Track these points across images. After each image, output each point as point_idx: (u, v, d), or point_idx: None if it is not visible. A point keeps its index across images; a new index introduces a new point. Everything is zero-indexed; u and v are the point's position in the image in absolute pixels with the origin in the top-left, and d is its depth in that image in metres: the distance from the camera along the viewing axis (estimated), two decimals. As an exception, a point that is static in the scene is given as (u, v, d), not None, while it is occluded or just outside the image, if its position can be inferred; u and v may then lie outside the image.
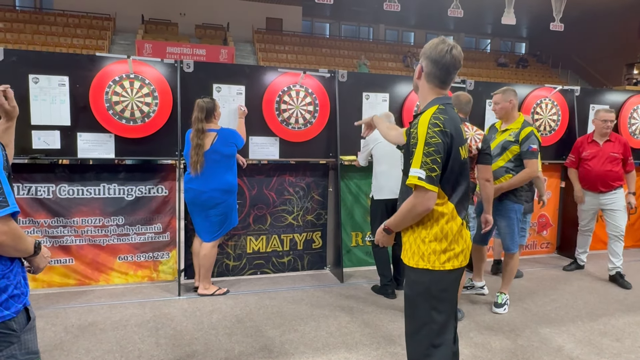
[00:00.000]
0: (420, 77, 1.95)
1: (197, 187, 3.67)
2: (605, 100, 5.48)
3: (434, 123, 1.78)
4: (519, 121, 3.68)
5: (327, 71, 4.44)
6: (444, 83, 1.90)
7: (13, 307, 1.48)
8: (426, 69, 1.90)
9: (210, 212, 3.70)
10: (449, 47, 1.84)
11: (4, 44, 15.81)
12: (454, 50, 1.85)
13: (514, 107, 3.70)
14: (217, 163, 3.66)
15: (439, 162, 1.76)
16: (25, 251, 1.53)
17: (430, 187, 1.75)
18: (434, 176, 1.76)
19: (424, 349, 1.87)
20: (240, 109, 4.07)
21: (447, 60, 1.84)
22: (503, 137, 3.71)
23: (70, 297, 3.77)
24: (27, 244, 1.53)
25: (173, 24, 19.94)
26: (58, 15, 18.54)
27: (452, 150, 1.80)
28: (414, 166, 1.77)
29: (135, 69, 3.84)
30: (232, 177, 3.76)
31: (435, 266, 1.85)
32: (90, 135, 3.83)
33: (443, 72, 1.87)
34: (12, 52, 3.67)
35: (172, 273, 4.15)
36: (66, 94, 3.76)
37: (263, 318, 3.48)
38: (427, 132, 1.77)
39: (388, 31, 25.30)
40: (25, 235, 1.54)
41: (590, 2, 18.54)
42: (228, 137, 3.71)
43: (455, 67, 1.87)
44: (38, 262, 1.61)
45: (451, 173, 1.82)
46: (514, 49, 27.88)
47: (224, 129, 3.74)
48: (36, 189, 3.80)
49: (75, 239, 3.91)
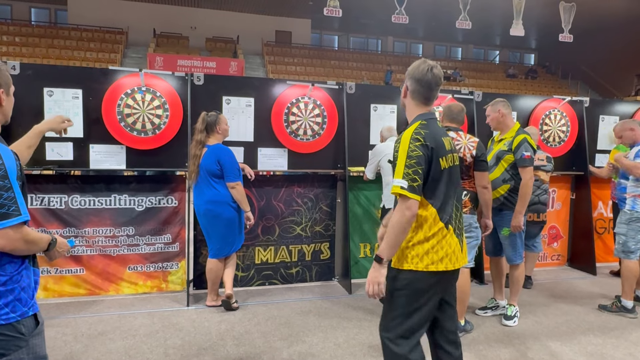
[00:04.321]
0: (406, 96, 2.15)
1: (196, 200, 3.75)
2: (615, 111, 5.46)
3: (415, 138, 1.97)
4: (513, 130, 3.67)
5: (335, 83, 4.48)
6: (427, 99, 2.10)
7: (19, 310, 1.52)
8: (411, 87, 2.11)
9: (211, 226, 3.73)
10: (429, 67, 2.06)
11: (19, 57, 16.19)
12: (435, 69, 2.07)
13: (505, 117, 3.69)
14: (205, 178, 3.67)
15: (420, 172, 1.94)
16: (38, 251, 1.61)
17: (412, 196, 1.92)
18: (416, 185, 1.93)
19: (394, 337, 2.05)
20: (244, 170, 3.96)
21: (429, 78, 2.06)
22: (498, 147, 3.71)
23: (80, 307, 3.80)
24: (39, 247, 1.60)
25: (184, 38, 20.27)
26: (72, 29, 18.96)
27: (433, 161, 1.99)
28: (397, 177, 1.96)
29: (146, 82, 3.92)
30: (222, 187, 3.66)
31: (418, 267, 2.00)
32: (102, 147, 3.90)
33: (426, 89, 2.07)
34: (27, 66, 3.77)
35: (181, 283, 4.18)
36: (79, 107, 3.84)
37: (271, 329, 3.48)
38: (409, 146, 1.96)
39: (396, 43, 25.45)
40: (37, 238, 1.59)
41: (599, 13, 18.52)
42: (213, 153, 3.63)
43: (437, 84, 2.08)
44: (50, 256, 1.69)
45: (432, 182, 2.00)
46: (523, 60, 27.86)
47: (214, 146, 3.67)
48: (49, 200, 3.87)
49: (86, 249, 3.96)
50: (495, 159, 3.69)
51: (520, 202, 3.53)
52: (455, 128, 3.42)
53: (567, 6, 15.20)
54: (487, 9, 17.30)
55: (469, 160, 3.30)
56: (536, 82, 23.19)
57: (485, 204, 3.39)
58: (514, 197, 3.60)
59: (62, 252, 1.73)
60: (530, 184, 3.54)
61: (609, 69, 21.96)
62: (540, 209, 4.44)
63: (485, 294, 4.32)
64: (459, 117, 3.47)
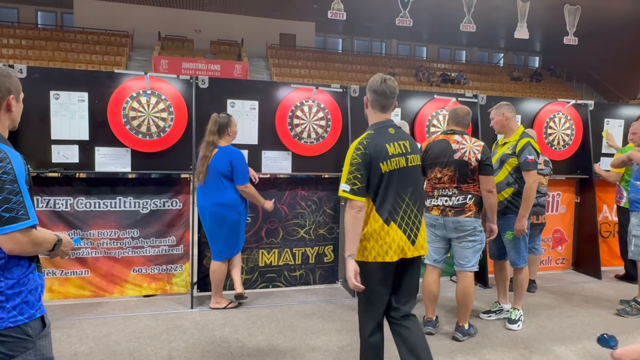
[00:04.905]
0: (367, 107, 2.51)
1: (201, 202, 3.76)
2: (619, 114, 5.44)
3: (357, 147, 2.35)
4: (517, 133, 3.66)
5: (339, 86, 4.50)
6: (384, 107, 2.45)
7: (27, 313, 1.53)
8: (370, 98, 2.46)
9: (215, 228, 3.75)
10: (383, 79, 2.42)
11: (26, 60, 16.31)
12: (388, 80, 2.42)
13: (509, 120, 3.69)
14: (214, 178, 3.69)
15: (360, 177, 2.29)
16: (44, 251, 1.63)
17: (353, 197, 2.29)
18: (356, 188, 2.29)
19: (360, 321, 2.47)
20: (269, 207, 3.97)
21: (383, 88, 2.40)
22: (502, 150, 3.71)
23: (85, 309, 3.82)
24: (45, 248, 1.61)
25: (189, 41, 20.38)
26: (78, 32, 19.10)
27: (372, 166, 2.32)
28: (342, 182, 2.34)
29: (152, 85, 3.94)
30: (233, 193, 3.73)
31: (368, 259, 2.35)
32: (108, 150, 3.93)
33: (381, 97, 2.41)
34: (34, 69, 3.80)
35: (185, 286, 4.19)
36: (85, 110, 3.87)
37: (275, 332, 3.49)
38: (352, 155, 2.34)
39: (400, 46, 25.45)
40: (44, 239, 1.60)
41: (604, 16, 18.47)
42: (224, 155, 3.68)
43: (392, 93, 2.42)
44: (54, 254, 1.71)
45: (373, 184, 2.34)
46: (528, 62, 27.80)
47: (225, 147, 3.73)
48: (55, 202, 3.90)
49: (91, 251, 3.98)
50: (499, 163, 3.69)
51: (524, 205, 3.53)
52: (460, 132, 3.42)
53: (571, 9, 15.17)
54: (491, 11, 17.29)
55: (474, 164, 3.29)
56: (541, 85, 23.13)
57: (490, 208, 3.39)
58: (517, 200, 3.60)
59: (67, 250, 1.74)
60: (534, 187, 3.53)
61: (614, 72, 21.87)
62: (539, 211, 4.44)
63: (489, 297, 4.31)
64: (465, 120, 3.47)
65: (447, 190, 3.33)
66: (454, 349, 3.28)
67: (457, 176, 3.31)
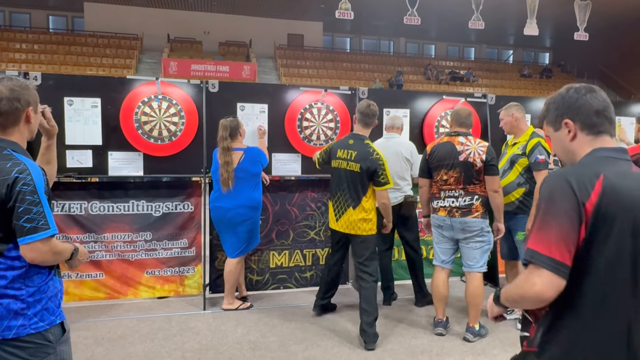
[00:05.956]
0: (355, 122, 3.55)
1: (224, 204, 3.77)
2: (629, 112, 5.39)
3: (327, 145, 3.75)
4: (527, 133, 3.66)
5: (348, 88, 4.52)
6: (366, 124, 3.48)
7: (47, 319, 1.58)
8: (358, 117, 3.49)
9: (238, 228, 3.80)
10: (368, 104, 3.45)
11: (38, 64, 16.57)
12: (372, 106, 3.45)
13: (519, 121, 3.69)
14: (244, 181, 3.76)
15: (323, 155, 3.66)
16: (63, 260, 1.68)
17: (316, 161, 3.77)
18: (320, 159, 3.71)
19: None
20: (260, 129, 4.18)
21: (367, 111, 3.44)
22: (512, 151, 3.70)
23: (100, 311, 3.89)
24: (64, 256, 1.67)
25: (197, 42, 20.52)
26: (89, 36, 19.35)
27: (330, 157, 3.54)
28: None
29: (163, 90, 4.00)
30: (258, 194, 3.86)
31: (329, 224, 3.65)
32: (121, 154, 3.99)
33: (365, 117, 3.45)
34: (49, 76, 3.89)
35: (197, 287, 4.24)
36: (98, 115, 3.93)
37: (286, 333, 3.53)
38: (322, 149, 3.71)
39: (409, 44, 25.38)
40: (63, 248, 1.66)
41: (615, 11, 18.23)
42: (255, 156, 3.82)
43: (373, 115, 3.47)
44: (71, 264, 1.76)
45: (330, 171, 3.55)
46: (538, 59, 27.54)
47: (251, 148, 3.86)
48: (69, 206, 3.97)
49: (106, 254, 4.05)
50: (509, 163, 3.68)
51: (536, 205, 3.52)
52: (464, 133, 3.42)
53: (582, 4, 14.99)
54: (500, 8, 17.16)
55: (479, 165, 3.30)
56: (551, 82, 22.91)
57: (497, 208, 3.39)
58: (529, 200, 3.59)
59: (82, 260, 1.79)
60: None
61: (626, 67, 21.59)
62: None
63: (500, 297, 4.30)
64: (467, 121, 3.48)
65: (453, 191, 3.34)
66: (464, 349, 3.29)
67: (463, 177, 3.32)
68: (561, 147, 1.42)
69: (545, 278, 1.20)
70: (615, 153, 1.33)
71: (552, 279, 1.20)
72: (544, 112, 1.47)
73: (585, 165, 1.31)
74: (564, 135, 1.39)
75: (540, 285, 1.21)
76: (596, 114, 1.35)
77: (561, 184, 1.26)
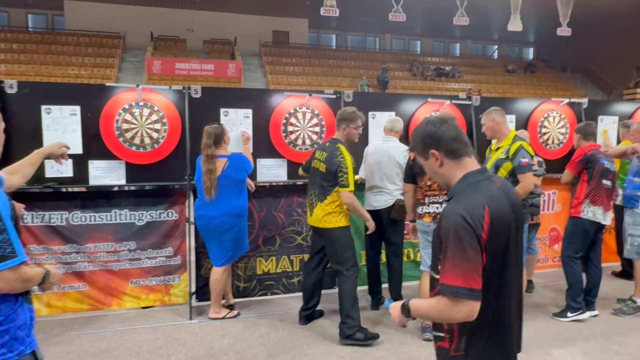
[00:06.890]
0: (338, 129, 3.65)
1: (208, 213, 3.71)
2: (613, 111, 5.45)
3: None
4: (509, 137, 3.67)
5: (333, 92, 4.48)
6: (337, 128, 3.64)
7: (16, 349, 1.52)
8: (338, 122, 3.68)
9: (224, 237, 3.74)
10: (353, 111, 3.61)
11: (17, 64, 16.21)
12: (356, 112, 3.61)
13: (501, 125, 3.69)
14: (228, 188, 3.70)
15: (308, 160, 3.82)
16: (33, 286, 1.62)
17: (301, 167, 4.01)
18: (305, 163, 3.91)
19: None
20: (244, 135, 4.13)
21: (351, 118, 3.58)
22: (496, 155, 3.71)
23: (84, 323, 3.82)
24: (34, 282, 1.61)
25: (181, 40, 20.26)
26: (69, 35, 18.96)
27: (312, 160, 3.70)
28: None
29: (144, 96, 3.92)
30: (243, 202, 3.82)
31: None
32: (102, 163, 3.91)
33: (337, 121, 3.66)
34: (25, 84, 3.77)
35: (183, 296, 4.19)
36: (78, 123, 3.84)
37: (274, 342, 3.49)
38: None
39: (394, 40, 25.41)
40: (34, 274, 1.60)
41: (597, 6, 18.43)
42: (239, 163, 3.76)
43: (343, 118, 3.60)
44: (43, 288, 1.70)
45: None
46: (522, 54, 27.80)
47: (235, 154, 3.80)
48: (49, 217, 3.87)
49: (88, 264, 3.96)
50: (494, 168, 3.69)
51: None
52: None
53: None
54: (484, 3, 17.25)
55: None
56: (535, 77, 23.14)
57: None
58: None
59: (55, 282, 1.73)
60: (528, 189, 3.53)
61: (608, 62, 21.90)
62: (534, 211, 4.45)
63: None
64: None
65: (437, 197, 3.36)
66: (452, 355, 3.29)
67: None
68: (433, 173, 1.66)
69: (469, 306, 1.42)
70: (480, 176, 1.56)
71: (473, 305, 1.42)
72: (412, 144, 1.69)
73: (469, 197, 1.50)
74: (433, 162, 1.61)
75: (466, 312, 1.42)
76: (453, 141, 1.57)
77: (459, 221, 1.43)
